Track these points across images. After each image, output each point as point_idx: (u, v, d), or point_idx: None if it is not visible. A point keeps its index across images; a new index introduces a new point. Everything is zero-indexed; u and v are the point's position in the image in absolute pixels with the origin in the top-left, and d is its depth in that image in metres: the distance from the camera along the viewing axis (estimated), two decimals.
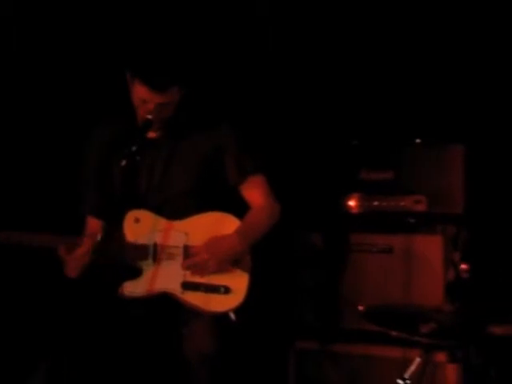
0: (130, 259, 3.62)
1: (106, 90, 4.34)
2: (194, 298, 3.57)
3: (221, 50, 4.71)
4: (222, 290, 3.55)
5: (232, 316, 3.56)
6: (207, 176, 3.70)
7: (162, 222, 3.66)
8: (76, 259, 3.54)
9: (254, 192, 3.72)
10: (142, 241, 3.62)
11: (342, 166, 4.38)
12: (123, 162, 3.47)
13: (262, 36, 4.78)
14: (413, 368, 3.22)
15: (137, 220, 3.66)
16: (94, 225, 3.79)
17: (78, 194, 3.85)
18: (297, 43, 4.82)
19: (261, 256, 3.67)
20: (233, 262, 3.58)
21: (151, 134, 3.69)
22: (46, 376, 3.43)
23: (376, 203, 4.15)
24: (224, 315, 3.56)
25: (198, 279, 3.56)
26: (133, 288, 3.61)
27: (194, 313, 3.56)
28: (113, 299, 3.62)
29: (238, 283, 3.57)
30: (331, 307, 4.36)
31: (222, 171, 3.72)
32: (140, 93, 3.54)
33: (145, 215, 3.66)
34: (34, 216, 4.08)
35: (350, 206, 4.20)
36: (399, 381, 3.19)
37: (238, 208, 3.69)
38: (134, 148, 3.47)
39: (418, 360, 3.25)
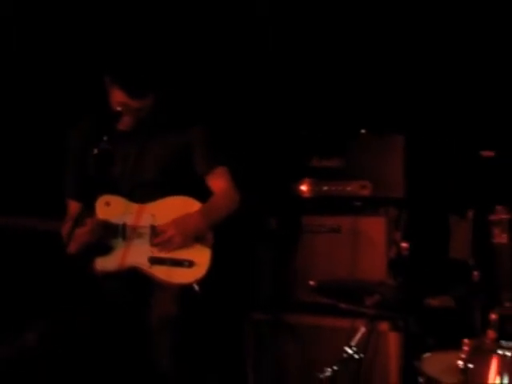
0: (100, 238, 3.64)
1: (86, 89, 4.29)
2: (161, 272, 3.62)
3: (183, 53, 4.67)
4: (187, 263, 3.61)
5: (196, 287, 3.61)
6: (175, 167, 3.73)
7: (131, 206, 3.69)
8: (77, 237, 3.54)
9: (218, 181, 3.77)
10: (112, 221, 3.66)
11: (295, 154, 4.41)
12: (95, 151, 3.48)
13: (215, 34, 4.75)
14: (358, 336, 3.24)
15: (107, 204, 3.69)
16: (74, 207, 3.79)
17: (61, 180, 3.87)
18: (251, 40, 4.78)
19: (223, 235, 3.71)
20: (196, 239, 3.62)
21: (126, 128, 3.70)
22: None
23: (325, 188, 4.18)
24: (188, 286, 3.61)
25: (163, 254, 3.61)
26: (104, 263, 3.66)
27: (161, 285, 3.61)
28: (87, 273, 3.67)
29: (201, 257, 3.62)
30: (285, 282, 4.38)
31: (190, 163, 3.75)
32: (118, 98, 3.57)
33: (115, 200, 3.70)
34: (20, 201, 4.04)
35: (302, 191, 4.24)
36: (346, 348, 3.20)
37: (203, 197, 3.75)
38: (105, 137, 3.48)
39: (363, 329, 3.27)
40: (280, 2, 4.77)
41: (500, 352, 2.86)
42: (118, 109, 3.59)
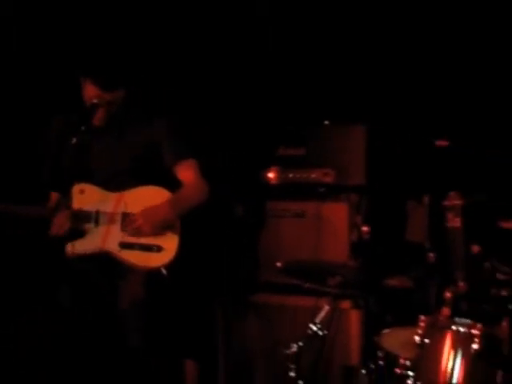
0: (73, 223, 3.63)
1: (62, 86, 4.25)
2: (130, 256, 3.61)
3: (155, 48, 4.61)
4: (155, 248, 3.60)
5: (163, 271, 3.61)
6: (146, 159, 3.72)
7: (105, 194, 3.68)
8: (55, 224, 3.60)
9: (187, 173, 3.75)
10: (85, 208, 3.65)
11: (263, 144, 4.41)
12: (73, 140, 3.50)
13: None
14: (322, 314, 3.25)
15: (82, 191, 3.68)
16: (54, 196, 3.82)
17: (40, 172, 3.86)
18: (214, 33, 4.71)
19: (194, 220, 3.71)
20: (165, 227, 3.62)
21: (100, 123, 3.70)
22: None
23: (291, 175, 4.19)
24: (156, 270, 3.60)
25: (133, 240, 3.61)
26: (77, 247, 3.64)
27: (130, 269, 3.62)
28: (60, 255, 3.66)
29: (169, 243, 3.61)
30: (253, 264, 4.41)
31: (159, 155, 3.74)
32: (91, 92, 3.58)
33: (89, 188, 3.68)
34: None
35: (269, 178, 4.25)
36: (311, 325, 3.22)
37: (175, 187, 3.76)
38: (82, 128, 3.50)
39: (326, 308, 3.28)
40: None
41: (454, 328, 2.89)
42: (95, 101, 3.59)
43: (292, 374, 3.14)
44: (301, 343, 3.16)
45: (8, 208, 3.62)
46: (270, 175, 4.28)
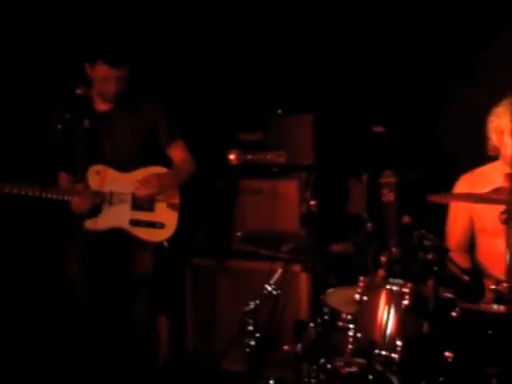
0: (92, 203, 3.65)
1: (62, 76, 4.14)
2: (139, 231, 3.69)
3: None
4: (158, 225, 3.69)
5: (165, 244, 3.72)
6: (147, 140, 3.76)
7: (116, 174, 3.70)
8: (75, 203, 3.62)
9: (179, 151, 3.83)
10: (101, 189, 3.66)
11: (226, 130, 4.42)
12: (86, 123, 3.60)
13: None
14: (276, 276, 3.26)
15: (97, 173, 3.69)
16: (64, 178, 3.80)
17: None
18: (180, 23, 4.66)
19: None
20: (167, 205, 3.73)
21: (105, 109, 3.72)
22: None
23: (250, 157, 4.16)
24: (160, 243, 3.72)
25: (141, 217, 3.68)
26: (94, 224, 3.67)
27: (139, 244, 3.69)
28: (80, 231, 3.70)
29: (170, 220, 3.72)
30: (221, 233, 4.43)
31: (156, 137, 3.78)
32: (102, 72, 3.58)
33: (103, 169, 3.69)
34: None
35: (230, 159, 4.23)
36: (266, 286, 3.23)
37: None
38: (86, 121, 3.61)
39: (280, 271, 3.29)
40: None
41: (388, 287, 2.92)
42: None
43: (250, 327, 3.15)
44: (258, 301, 3.17)
45: (34, 189, 3.57)
46: (232, 157, 4.26)
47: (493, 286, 3.04)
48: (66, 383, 3.77)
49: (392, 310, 2.88)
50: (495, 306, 2.99)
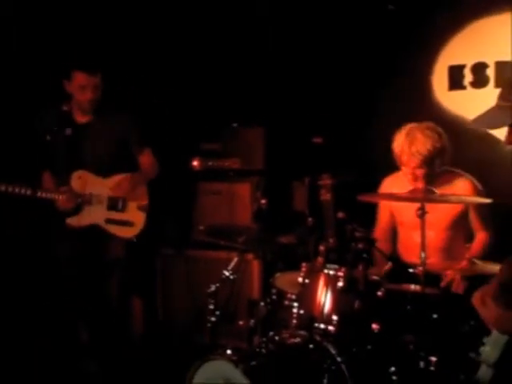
0: (75, 203, 3.64)
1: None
2: (113, 229, 3.68)
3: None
4: (129, 223, 3.69)
5: (134, 239, 3.71)
6: (120, 148, 3.73)
7: (95, 179, 3.68)
8: (61, 202, 3.60)
9: (146, 158, 3.81)
10: (83, 191, 3.65)
11: (190, 140, 4.41)
12: (67, 132, 3.57)
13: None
14: (233, 264, 3.26)
15: (79, 177, 3.66)
16: (47, 178, 3.76)
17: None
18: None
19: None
20: (137, 207, 3.71)
21: (84, 121, 3.68)
22: None
23: (210, 163, 4.16)
24: (129, 239, 3.70)
25: (115, 217, 3.67)
26: (75, 220, 3.67)
27: (112, 237, 3.68)
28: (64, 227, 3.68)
29: (138, 220, 3.71)
30: (186, 227, 4.41)
31: (127, 146, 3.75)
32: (80, 81, 3.53)
33: (84, 174, 3.67)
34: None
35: (194, 165, 4.22)
36: (224, 271, 3.24)
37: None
38: (68, 129, 3.58)
39: (236, 259, 3.29)
40: None
41: (326, 271, 2.94)
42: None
43: (211, 306, 3.15)
44: (217, 284, 3.16)
45: (26, 189, 3.55)
46: (195, 163, 4.25)
47: (411, 270, 3.10)
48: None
49: (329, 291, 2.91)
50: (412, 286, 3.06)
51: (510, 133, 1.96)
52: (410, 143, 3.21)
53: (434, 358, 2.80)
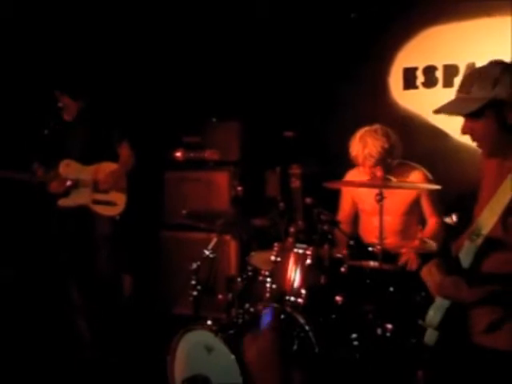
0: (64, 187, 3.71)
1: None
2: (98, 208, 3.74)
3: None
4: (112, 203, 3.74)
5: (117, 217, 3.74)
6: (102, 141, 3.75)
7: (81, 167, 3.76)
8: (53, 186, 3.69)
9: (124, 150, 3.81)
10: (70, 177, 3.72)
11: (173, 134, 4.35)
12: (55, 127, 3.69)
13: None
14: (212, 244, 3.24)
15: (67, 165, 3.75)
16: (38, 167, 3.78)
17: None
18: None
19: (138, 182, 3.84)
20: (117, 189, 3.72)
21: (70, 119, 3.78)
22: None
23: (192, 154, 4.15)
24: (113, 217, 3.74)
25: (99, 198, 3.73)
26: (65, 201, 3.75)
27: (98, 216, 3.72)
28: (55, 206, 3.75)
29: (120, 200, 3.75)
30: (170, 212, 4.36)
31: (108, 138, 3.76)
32: (65, 102, 3.71)
33: (71, 163, 3.76)
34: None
35: (177, 156, 4.20)
36: (205, 251, 3.22)
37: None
38: (55, 123, 3.71)
39: (215, 240, 3.27)
40: None
41: (295, 250, 2.96)
42: (60, 105, 3.71)
43: (193, 282, 3.15)
44: (199, 262, 3.16)
45: (25, 175, 3.68)
46: (178, 154, 4.23)
47: (370, 249, 3.14)
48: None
49: (298, 267, 2.92)
50: (372, 263, 3.09)
51: (465, 123, 1.96)
52: (363, 147, 3.25)
53: (389, 326, 2.85)
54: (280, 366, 1.63)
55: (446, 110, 1.98)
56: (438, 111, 2.00)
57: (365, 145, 3.24)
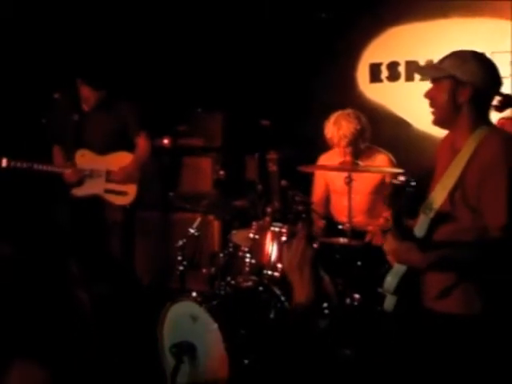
0: (79, 177, 3.55)
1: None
2: (111, 197, 3.58)
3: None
4: (123, 193, 3.58)
5: (128, 206, 3.60)
6: (118, 132, 3.60)
7: (95, 156, 3.59)
8: (68, 176, 3.53)
9: (142, 141, 3.64)
10: (85, 167, 3.56)
11: (162, 123, 4.25)
12: (75, 117, 3.50)
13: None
14: (197, 223, 3.23)
15: (82, 155, 3.57)
16: (57, 152, 3.67)
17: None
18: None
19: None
20: (130, 179, 3.59)
21: (89, 109, 3.57)
22: None
23: (180, 142, 4.10)
24: (125, 206, 3.59)
25: (112, 187, 3.57)
26: (79, 191, 3.58)
27: (110, 204, 3.59)
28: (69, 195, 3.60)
29: (131, 190, 3.60)
30: (159, 194, 4.28)
31: (125, 129, 3.62)
32: (85, 92, 3.49)
33: (86, 152, 3.58)
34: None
35: (165, 144, 4.16)
36: (190, 229, 3.20)
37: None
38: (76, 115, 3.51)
39: (199, 219, 3.27)
40: None
41: (272, 229, 2.94)
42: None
43: (180, 257, 3.13)
44: (184, 240, 3.15)
45: (42, 165, 3.48)
46: (166, 141, 4.19)
47: (340, 227, 3.13)
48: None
49: (275, 244, 2.90)
50: (341, 240, 3.09)
51: (429, 89, 2.02)
52: (337, 129, 3.24)
53: (357, 296, 2.86)
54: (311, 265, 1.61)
55: (420, 71, 2.58)
56: (416, 70, 2.64)
57: (339, 127, 3.23)
